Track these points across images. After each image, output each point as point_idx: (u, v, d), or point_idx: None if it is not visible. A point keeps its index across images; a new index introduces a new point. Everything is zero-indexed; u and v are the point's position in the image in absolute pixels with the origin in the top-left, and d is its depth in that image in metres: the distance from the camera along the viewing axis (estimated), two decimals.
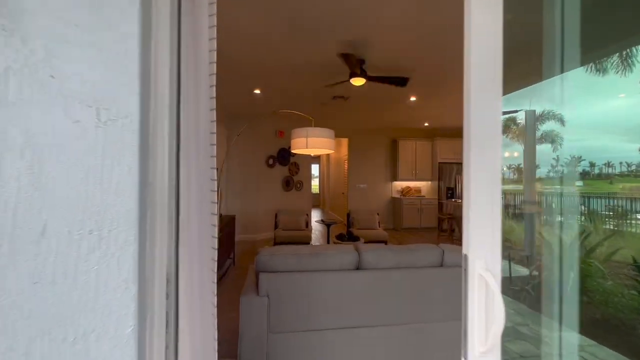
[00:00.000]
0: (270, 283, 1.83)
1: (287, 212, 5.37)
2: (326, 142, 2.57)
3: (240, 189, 6.51)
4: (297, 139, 2.54)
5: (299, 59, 3.54)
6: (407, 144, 8.02)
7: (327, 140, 2.57)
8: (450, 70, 3.90)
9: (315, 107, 5.78)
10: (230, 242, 4.32)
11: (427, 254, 2.05)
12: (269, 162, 6.85)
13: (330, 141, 2.60)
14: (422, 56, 3.47)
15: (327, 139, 2.57)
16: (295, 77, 4.17)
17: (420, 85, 4.45)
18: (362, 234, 5.05)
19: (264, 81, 4.36)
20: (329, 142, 2.59)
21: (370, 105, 5.73)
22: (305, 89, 4.72)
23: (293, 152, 6.67)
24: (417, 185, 8.32)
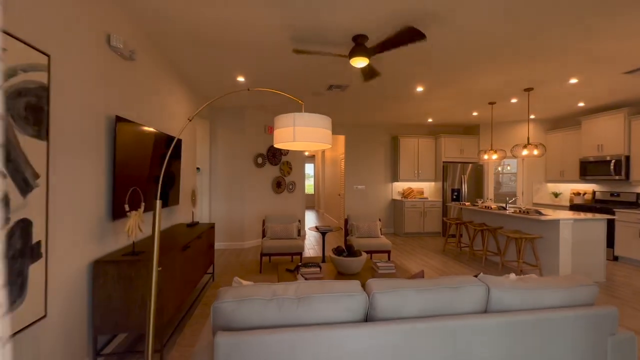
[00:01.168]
0: (235, 352, 1.17)
1: (277, 218, 4.71)
2: (321, 133, 1.90)
3: (226, 191, 5.82)
4: (282, 129, 1.87)
5: (285, 34, 2.88)
6: (408, 141, 7.39)
7: (322, 131, 1.91)
8: (468, 50, 3.27)
9: (308, 98, 5.11)
10: (207, 255, 3.64)
11: (465, 294, 1.40)
12: (258, 161, 6.17)
13: (326, 132, 1.94)
14: (438, 31, 2.82)
15: (322, 130, 1.91)
16: (283, 57, 3.50)
17: (431, 69, 3.81)
18: (363, 244, 4.40)
19: (247, 64, 3.69)
20: (324, 134, 1.93)
21: (370, 97, 5.08)
22: (296, 75, 4.05)
23: (283, 150, 5.99)
24: (420, 186, 7.71)
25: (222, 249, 5.75)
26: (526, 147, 4.61)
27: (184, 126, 1.65)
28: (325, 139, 1.92)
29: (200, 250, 3.25)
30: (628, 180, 5.15)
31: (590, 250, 4.03)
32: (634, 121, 5.04)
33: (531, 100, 5.16)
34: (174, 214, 3.73)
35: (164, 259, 2.20)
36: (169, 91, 3.57)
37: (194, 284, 3.00)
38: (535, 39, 2.97)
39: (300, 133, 1.84)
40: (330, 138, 1.99)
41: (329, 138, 1.96)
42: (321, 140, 1.89)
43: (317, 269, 3.05)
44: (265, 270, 4.43)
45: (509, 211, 4.64)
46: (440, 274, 4.31)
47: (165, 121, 3.40)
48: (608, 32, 2.81)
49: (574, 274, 1.64)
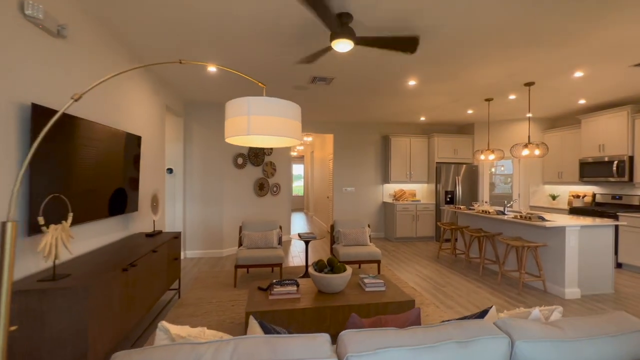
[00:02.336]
0: None
1: (256, 225, 4.24)
2: (285, 124, 1.46)
3: (202, 194, 5.33)
4: (233, 118, 1.42)
5: (262, 16, 2.43)
6: (400, 141, 7.01)
7: (287, 122, 1.47)
8: (465, 36, 2.87)
9: (290, 92, 4.67)
10: (170, 268, 3.16)
11: (479, 351, 0.98)
12: (238, 162, 5.69)
13: (293, 124, 1.50)
14: (438, 13, 2.42)
15: (287, 121, 1.47)
16: (259, 45, 3.05)
17: (426, 60, 3.41)
18: (350, 253, 3.98)
19: (219, 55, 3.22)
20: (291, 126, 1.49)
21: (359, 92, 4.67)
22: (275, 67, 3.60)
23: (267, 149, 5.53)
24: (412, 188, 7.33)
25: (197, 257, 5.26)
26: (527, 147, 4.25)
27: (67, 105, 1.18)
28: (291, 132, 1.48)
29: (158, 265, 2.77)
30: (631, 182, 4.85)
31: (597, 259, 3.68)
32: (638, 119, 4.74)
33: (531, 97, 4.82)
34: (132, 223, 3.24)
35: (95, 285, 1.73)
36: (124, 80, 3.08)
37: (146, 306, 2.52)
38: (540, 24, 2.58)
39: (257, 124, 1.39)
40: (298, 132, 1.54)
41: (296, 132, 1.52)
42: (286, 133, 1.45)
43: (293, 287, 2.61)
44: (241, 283, 3.96)
45: (508, 216, 4.27)
46: (434, 286, 3.91)
47: (116, 114, 2.91)
48: (619, 15, 2.44)
49: (618, 312, 1.23)
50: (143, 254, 2.43)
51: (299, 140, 1.56)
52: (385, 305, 2.46)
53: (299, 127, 1.53)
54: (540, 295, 3.59)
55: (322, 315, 2.36)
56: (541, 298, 3.51)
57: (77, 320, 1.64)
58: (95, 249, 2.48)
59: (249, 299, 2.50)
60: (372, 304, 2.44)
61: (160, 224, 4.02)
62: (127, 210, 3.06)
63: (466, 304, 3.34)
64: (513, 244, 3.69)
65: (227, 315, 3.03)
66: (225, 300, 3.39)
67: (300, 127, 1.54)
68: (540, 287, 3.83)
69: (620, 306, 3.30)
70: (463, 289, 3.80)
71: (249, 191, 5.89)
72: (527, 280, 3.67)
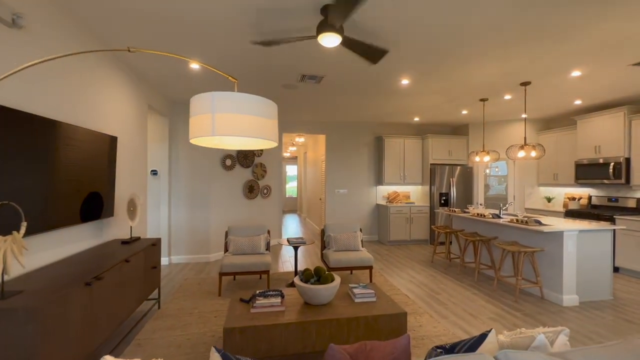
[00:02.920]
0: None
1: (242, 229, 4.06)
2: (258, 124, 1.29)
3: (188, 197, 5.12)
4: (197, 116, 1.24)
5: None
6: (394, 141, 6.87)
7: (260, 121, 1.30)
8: (462, 34, 2.72)
9: (278, 91, 4.49)
10: (148, 278, 2.97)
11: None
12: (227, 163, 5.49)
13: (267, 123, 1.33)
14: (431, 7, 2.26)
15: (260, 119, 1.29)
16: (243, 37, 2.87)
17: (419, 57, 3.26)
18: (341, 259, 3.81)
19: (198, 50, 3.04)
20: (264, 125, 1.31)
21: (350, 91, 4.51)
22: (262, 62, 3.42)
23: (257, 150, 5.43)
24: (406, 190, 7.19)
25: (183, 263, 5.05)
26: (523, 148, 4.12)
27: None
28: (264, 132, 1.30)
29: (131, 276, 2.58)
30: (628, 184, 4.75)
31: (596, 264, 3.56)
32: (635, 120, 4.65)
33: (527, 97, 4.70)
34: (108, 229, 3.04)
35: (50, 303, 1.54)
36: (98, 78, 2.88)
37: (117, 322, 2.32)
38: (538, 19, 2.45)
39: (224, 123, 1.22)
40: (273, 133, 1.36)
41: (271, 132, 1.34)
42: (258, 134, 1.28)
43: (277, 299, 2.43)
44: (227, 291, 3.77)
45: (504, 219, 4.14)
46: (428, 293, 3.76)
47: (88, 113, 2.71)
48: (620, 9, 2.31)
49: (636, 341, 1.08)
50: (113, 264, 2.23)
51: (274, 142, 1.38)
52: (376, 319, 2.30)
53: (275, 127, 1.35)
54: (538, 303, 3.45)
55: (307, 331, 2.19)
56: (539, 305, 3.38)
57: (25, 345, 1.44)
58: (61, 260, 2.28)
59: (228, 313, 2.32)
60: (362, 317, 2.28)
61: (142, 229, 3.81)
62: (103, 215, 2.86)
63: (461, 313, 3.19)
64: (509, 249, 3.56)
65: (209, 328, 2.84)
66: (208, 311, 3.20)
67: (276, 127, 1.37)
68: (538, 294, 3.70)
69: (620, 314, 3.18)
70: (458, 296, 3.65)
71: (238, 194, 5.70)
72: (524, 286, 3.54)
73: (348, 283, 4.03)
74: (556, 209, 5.84)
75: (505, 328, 2.86)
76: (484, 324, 2.96)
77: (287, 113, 5.96)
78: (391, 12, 2.37)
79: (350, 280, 4.21)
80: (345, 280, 4.21)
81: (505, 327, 2.89)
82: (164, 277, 4.36)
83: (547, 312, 3.22)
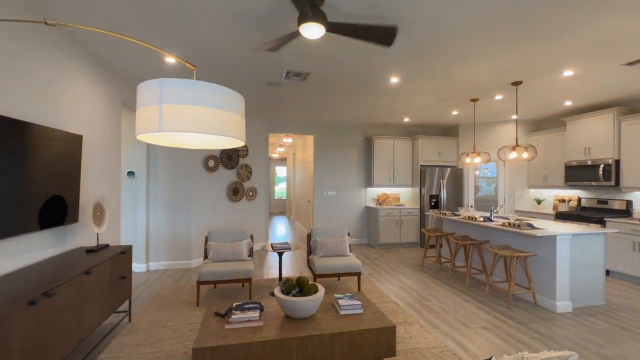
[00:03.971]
0: None
1: (223, 235, 3.83)
2: (218, 118, 1.09)
3: (168, 199, 4.86)
4: (143, 108, 1.04)
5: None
6: (383, 142, 6.73)
7: (221, 115, 1.10)
8: (453, 30, 2.57)
9: (262, 89, 4.28)
10: (116, 289, 2.72)
11: None
12: (209, 165, 5.25)
13: (230, 118, 1.13)
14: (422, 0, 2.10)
15: (221, 113, 1.10)
16: (226, 30, 2.66)
17: (408, 54, 3.11)
18: (328, 265, 3.62)
19: (176, 43, 2.82)
20: (227, 121, 1.12)
21: (338, 89, 4.33)
22: (243, 56, 3.22)
23: (241, 150, 5.21)
24: (396, 192, 7.06)
25: (162, 269, 4.78)
26: (514, 150, 4.02)
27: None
28: (227, 129, 1.11)
29: (94, 288, 2.33)
30: (617, 186, 4.71)
31: (588, 268, 3.47)
32: (624, 122, 4.61)
33: (518, 98, 4.61)
34: (73, 236, 2.78)
35: None
36: (63, 73, 2.63)
37: (73, 341, 2.08)
38: (530, 14, 2.32)
39: (173, 117, 1.02)
40: (239, 130, 1.17)
41: (235, 128, 1.14)
42: (218, 130, 1.08)
43: (256, 312, 2.23)
44: (207, 300, 3.54)
45: (495, 223, 4.02)
46: (418, 300, 3.61)
47: (48, 110, 2.46)
48: (614, 4, 2.20)
49: None
50: (70, 277, 1.99)
51: (240, 140, 1.19)
52: (362, 334, 2.11)
53: (240, 123, 1.16)
54: (531, 309, 3.33)
55: (287, 349, 1.99)
56: (532, 313, 3.25)
57: None
58: (8, 274, 2.02)
59: (200, 329, 2.10)
60: (347, 333, 2.09)
61: (114, 235, 3.55)
62: (67, 221, 2.61)
63: (453, 322, 3.03)
64: (501, 253, 3.43)
65: (182, 344, 2.61)
66: (183, 324, 2.96)
67: (242, 123, 1.17)
68: (530, 300, 3.58)
69: (614, 320, 3.08)
70: (449, 303, 3.50)
71: (221, 196, 5.45)
72: (517, 292, 3.41)
73: (335, 290, 3.87)
74: (546, 211, 5.79)
75: (499, 338, 2.72)
76: (476, 333, 2.81)
77: (274, 113, 5.76)
78: (385, 7, 2.20)
79: (337, 286, 4.03)
80: (332, 287, 4.02)
81: (498, 336, 2.75)
82: (139, 285, 4.09)
83: (541, 319, 3.10)
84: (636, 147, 4.46)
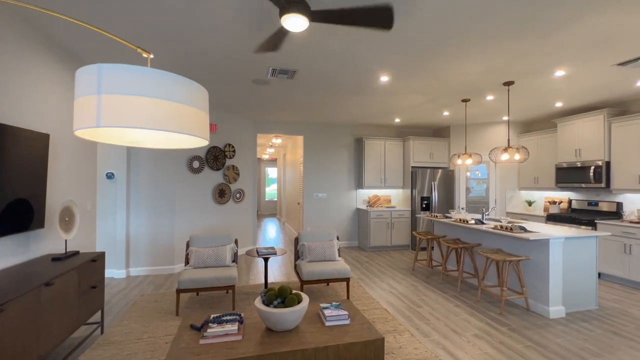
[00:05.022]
0: None
1: (206, 240, 3.65)
2: (169, 112, 0.92)
3: (150, 202, 4.65)
4: (80, 99, 0.88)
5: None
6: (374, 143, 6.62)
7: (175, 108, 0.94)
8: (444, 25, 2.46)
9: (250, 88, 4.12)
10: (86, 300, 2.53)
11: None
12: (194, 166, 5.06)
13: (188, 112, 0.97)
14: None
15: (175, 106, 0.94)
16: (209, 25, 2.50)
17: (398, 50, 2.99)
18: (315, 270, 3.47)
19: (152, 39, 2.64)
20: (183, 115, 0.95)
21: (327, 87, 4.20)
22: (225, 51, 3.05)
23: (227, 151, 4.91)
24: (387, 194, 6.95)
25: (143, 275, 4.56)
26: (506, 151, 3.94)
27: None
28: (183, 124, 0.95)
29: (57, 300, 2.14)
30: (608, 188, 4.68)
31: (581, 272, 3.40)
32: (614, 123, 4.59)
33: (509, 98, 4.55)
34: (39, 243, 2.57)
35: None
36: (26, 68, 2.43)
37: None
38: (523, 10, 2.22)
39: (115, 109, 0.86)
40: (200, 127, 1.02)
41: (194, 124, 0.99)
42: (173, 126, 0.93)
43: (234, 325, 2.07)
44: (188, 308, 3.35)
45: (487, 225, 3.94)
46: (409, 306, 3.48)
47: (6, 107, 2.26)
48: (607, 2, 2.12)
49: None
50: (26, 290, 1.80)
51: (203, 139, 1.04)
52: (348, 348, 1.97)
53: (203, 119, 1.00)
54: (524, 315, 3.24)
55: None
56: (525, 319, 3.16)
57: None
58: None
59: (172, 345, 1.93)
60: (331, 347, 1.95)
61: (89, 240, 3.33)
62: (32, 226, 2.41)
63: (444, 330, 2.92)
64: (493, 257, 3.33)
65: (157, 359, 2.43)
66: (160, 335, 2.78)
67: (205, 120, 1.02)
68: (523, 305, 3.49)
69: (608, 325, 3.01)
70: (440, 309, 3.39)
71: (207, 198, 5.26)
72: (509, 297, 3.32)
73: (324, 296, 3.71)
74: (537, 212, 5.75)
75: (492, 347, 2.61)
76: (468, 342, 2.69)
77: (262, 112, 5.59)
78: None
79: (326, 292, 3.88)
80: (321, 292, 3.87)
81: (491, 345, 2.64)
82: (117, 292, 3.87)
83: (534, 326, 3.00)
84: (626, 148, 4.44)
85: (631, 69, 3.41)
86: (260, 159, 13.47)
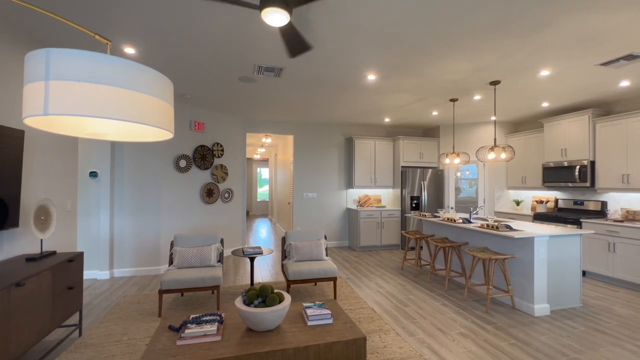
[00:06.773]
0: None
1: (190, 239, 3.59)
2: (127, 100, 0.88)
3: (135, 202, 4.56)
4: (28, 85, 0.83)
5: None
6: (364, 143, 6.61)
7: (133, 96, 0.89)
8: (425, 24, 2.45)
9: (237, 86, 4.07)
10: (59, 302, 2.45)
11: None
12: (180, 165, 4.98)
13: (148, 102, 0.92)
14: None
15: (131, 94, 0.89)
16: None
17: (384, 47, 2.97)
18: (302, 270, 3.44)
19: (137, 31, 2.58)
20: (141, 103, 0.91)
21: (315, 86, 4.17)
22: (208, 46, 3.00)
23: (216, 150, 4.79)
24: (377, 193, 6.95)
25: (127, 276, 4.47)
26: (493, 150, 3.96)
27: None
28: (144, 115, 0.91)
29: (29, 302, 2.07)
30: (593, 187, 4.75)
31: (565, 270, 3.42)
32: (599, 123, 4.65)
33: (496, 98, 4.58)
34: (13, 242, 2.49)
35: None
36: (5, 61, 2.35)
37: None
38: (505, 10, 2.22)
39: (65, 96, 0.80)
40: (164, 119, 0.97)
41: (155, 114, 0.94)
42: (131, 116, 0.89)
43: (213, 325, 2.02)
44: (171, 309, 3.28)
45: (474, 224, 3.95)
46: (396, 306, 3.47)
47: None
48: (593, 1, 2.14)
49: None
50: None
51: (168, 131, 1.00)
52: (330, 347, 1.94)
53: (167, 111, 0.96)
54: (509, 314, 3.25)
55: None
56: (510, 317, 3.17)
57: None
58: None
59: (148, 346, 1.87)
60: (312, 347, 1.91)
61: (67, 240, 3.24)
62: (6, 226, 2.33)
63: (430, 329, 2.91)
64: (480, 255, 3.34)
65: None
66: (141, 337, 2.71)
67: (169, 111, 0.98)
68: (509, 303, 3.51)
69: (591, 323, 3.03)
70: (427, 308, 3.38)
71: (194, 198, 5.19)
72: (495, 295, 3.33)
73: (311, 296, 3.67)
74: (525, 212, 5.80)
75: (476, 345, 2.61)
76: (453, 341, 2.68)
77: (251, 111, 5.54)
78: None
79: (314, 292, 3.85)
80: (308, 292, 3.84)
81: (476, 343, 2.63)
82: (100, 294, 3.78)
83: (519, 324, 3.01)
84: (610, 148, 4.50)
85: (613, 69, 3.45)
86: (252, 159, 13.38)
